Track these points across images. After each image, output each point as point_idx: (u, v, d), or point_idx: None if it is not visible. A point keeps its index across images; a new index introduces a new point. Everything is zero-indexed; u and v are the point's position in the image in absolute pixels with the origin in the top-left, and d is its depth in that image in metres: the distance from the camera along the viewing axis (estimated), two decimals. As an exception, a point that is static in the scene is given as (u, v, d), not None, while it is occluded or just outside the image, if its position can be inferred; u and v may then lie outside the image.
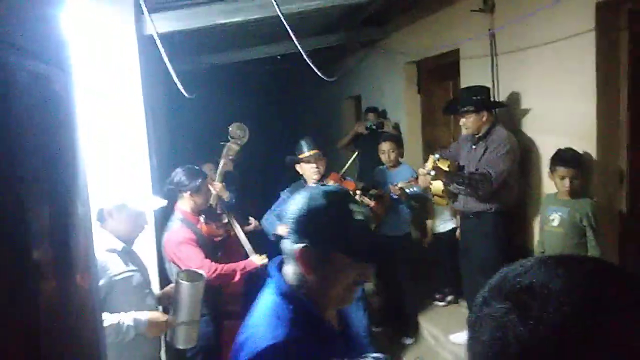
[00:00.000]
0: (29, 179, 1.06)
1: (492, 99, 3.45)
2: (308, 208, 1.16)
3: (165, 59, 1.76)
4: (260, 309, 1.18)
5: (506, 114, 3.50)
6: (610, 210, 2.94)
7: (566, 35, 2.93)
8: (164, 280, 3.16)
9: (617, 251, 2.97)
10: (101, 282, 2.14)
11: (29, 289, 1.01)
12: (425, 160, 5.23)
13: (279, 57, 5.56)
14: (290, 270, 1.20)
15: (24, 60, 1.08)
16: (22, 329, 0.98)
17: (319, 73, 2.12)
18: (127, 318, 2.17)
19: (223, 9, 3.13)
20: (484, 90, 3.38)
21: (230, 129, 3.60)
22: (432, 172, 3.17)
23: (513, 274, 0.62)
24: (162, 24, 3.14)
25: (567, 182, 2.86)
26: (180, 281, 2.38)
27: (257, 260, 3.12)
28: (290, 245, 1.17)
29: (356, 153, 3.71)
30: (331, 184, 3.35)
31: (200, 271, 2.54)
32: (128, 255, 2.33)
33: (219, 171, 3.53)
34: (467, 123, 3.29)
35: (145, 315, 2.23)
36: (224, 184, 3.53)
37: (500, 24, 3.60)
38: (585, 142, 2.90)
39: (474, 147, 3.37)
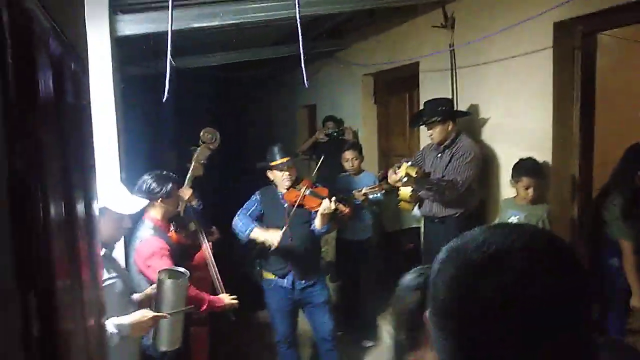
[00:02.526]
0: (72, 165, 1.05)
1: (454, 110, 3.63)
2: None
3: (168, 60, 1.75)
4: None
5: (467, 124, 3.70)
6: (564, 216, 3.19)
7: (525, 52, 3.17)
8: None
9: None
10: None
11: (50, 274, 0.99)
12: (381, 168, 5.43)
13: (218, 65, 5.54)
14: None
15: (69, 55, 1.07)
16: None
17: (305, 78, 2.17)
18: (109, 324, 2.11)
19: (198, 14, 3.12)
20: (447, 102, 3.57)
21: (201, 133, 3.58)
22: (405, 179, 3.30)
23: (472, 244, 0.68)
24: (135, 26, 3.10)
25: (531, 191, 3.08)
26: (163, 279, 2.34)
27: (226, 300, 3.01)
28: None
29: (322, 158, 3.78)
30: (304, 189, 3.40)
31: (182, 269, 2.50)
32: (109, 261, 2.26)
33: (188, 176, 3.47)
34: (434, 133, 3.46)
35: (127, 319, 2.17)
36: (193, 189, 3.48)
37: (460, 39, 3.82)
38: (542, 152, 3.13)
39: (439, 155, 3.54)
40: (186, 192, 3.32)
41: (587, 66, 3.00)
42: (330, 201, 3.21)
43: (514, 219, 3.21)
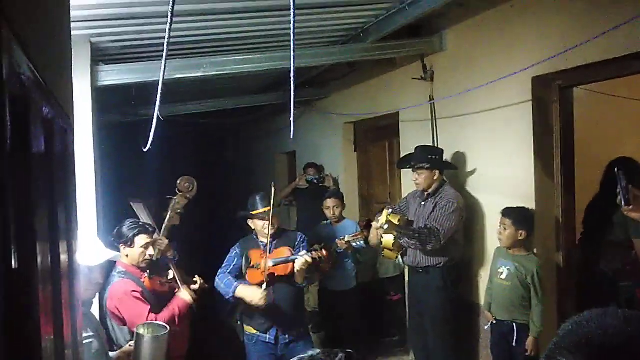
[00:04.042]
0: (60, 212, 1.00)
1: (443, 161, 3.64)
2: None
3: (156, 111, 1.71)
4: None
5: (451, 173, 3.71)
6: (549, 265, 3.17)
7: (505, 105, 3.23)
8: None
9: (556, 307, 3.18)
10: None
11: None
12: (363, 215, 5.41)
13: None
14: None
15: (58, 114, 1.03)
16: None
17: (292, 130, 2.13)
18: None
19: (183, 65, 3.12)
20: (438, 151, 3.58)
21: (178, 182, 3.50)
22: (386, 226, 3.26)
23: (583, 329, 0.72)
24: (116, 76, 3.07)
25: (503, 231, 3.07)
26: (142, 334, 2.22)
27: (185, 295, 2.95)
28: None
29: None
30: (264, 264, 3.28)
31: (161, 323, 2.38)
32: (85, 319, 2.14)
33: (164, 226, 3.38)
34: (420, 179, 3.45)
35: None
36: (169, 240, 3.37)
37: (440, 90, 3.89)
38: (526, 201, 3.14)
39: (423, 203, 3.53)
40: (162, 243, 3.21)
41: (565, 118, 3.07)
42: (303, 256, 3.12)
43: (504, 269, 3.15)
